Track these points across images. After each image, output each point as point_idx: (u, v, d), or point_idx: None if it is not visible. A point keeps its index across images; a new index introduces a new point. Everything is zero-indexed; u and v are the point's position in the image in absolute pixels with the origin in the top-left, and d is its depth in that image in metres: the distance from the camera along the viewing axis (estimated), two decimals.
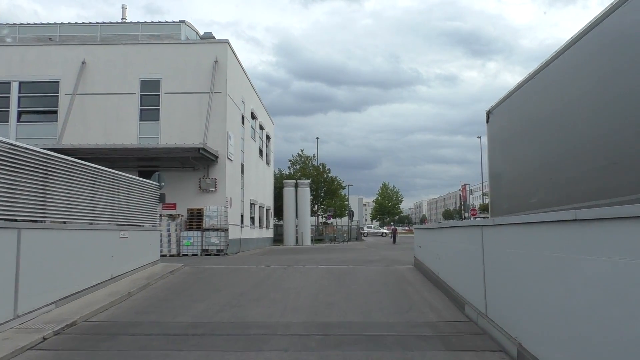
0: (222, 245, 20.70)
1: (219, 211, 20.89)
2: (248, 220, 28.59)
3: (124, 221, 11.83)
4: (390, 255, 20.11)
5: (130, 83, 23.35)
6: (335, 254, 23.08)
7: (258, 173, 32.44)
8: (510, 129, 9.69)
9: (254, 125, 31.25)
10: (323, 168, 49.41)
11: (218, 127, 22.92)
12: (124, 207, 11.83)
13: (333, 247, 34.47)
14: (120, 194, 11.64)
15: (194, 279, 12.11)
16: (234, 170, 24.81)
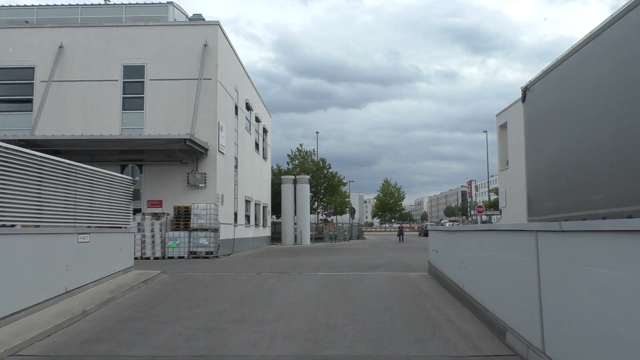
0: (212, 247, 18.77)
1: (208, 209, 18.96)
2: (243, 218, 26.66)
3: (84, 222, 9.89)
4: (398, 259, 18.19)
5: (112, 69, 21.38)
6: (336, 255, 21.16)
7: (254, 168, 30.49)
8: (562, 106, 7.73)
9: (249, 117, 29.28)
10: (323, 163, 47.44)
11: (208, 117, 20.96)
12: (85, 205, 9.89)
13: (333, 247, 32.55)
14: (80, 190, 9.70)
15: (170, 291, 10.17)
16: (227, 165, 22.87)
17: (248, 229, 28.11)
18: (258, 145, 32.33)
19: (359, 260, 17.10)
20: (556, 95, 8.40)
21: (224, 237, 22.12)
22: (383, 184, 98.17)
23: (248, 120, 28.82)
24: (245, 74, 28.07)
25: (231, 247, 23.37)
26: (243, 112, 27.15)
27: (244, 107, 27.26)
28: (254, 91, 31.09)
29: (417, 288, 10.22)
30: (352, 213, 51.29)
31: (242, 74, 27.05)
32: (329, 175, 47.14)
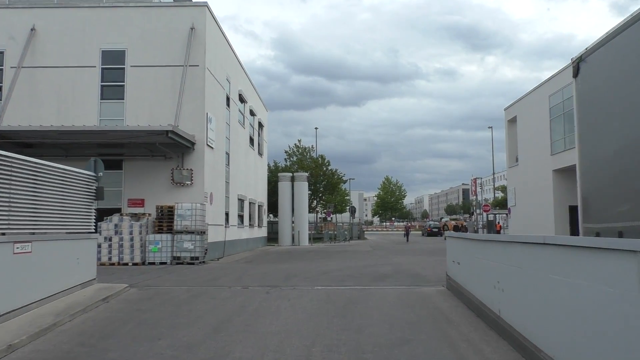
0: (198, 251, 16.83)
1: (193, 209, 17.01)
2: (235, 218, 24.72)
3: (24, 228, 7.96)
4: (407, 266, 16.26)
5: (90, 54, 19.41)
6: (336, 261, 19.22)
7: (248, 164, 28.55)
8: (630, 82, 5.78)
9: (243, 110, 27.31)
10: (322, 160, 45.45)
11: (194, 108, 19.00)
12: (25, 207, 7.96)
13: (333, 248, 30.62)
14: (16, 188, 7.76)
15: (131, 314, 8.23)
16: (217, 160, 20.92)
17: (241, 229, 26.18)
18: (253, 140, 30.38)
19: (362, 268, 15.16)
20: (623, 67, 6.44)
21: (214, 240, 20.19)
22: (384, 182, 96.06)
23: (241, 113, 26.86)
24: (238, 63, 26.10)
25: (222, 250, 21.44)
26: (236, 104, 25.19)
27: (236, 98, 25.30)
28: (248, 82, 29.12)
29: (437, 310, 8.29)
30: (353, 212, 49.33)
31: (234, 62, 25.08)
32: (329, 172, 45.18)
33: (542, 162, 29.66)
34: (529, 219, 31.67)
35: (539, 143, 30.19)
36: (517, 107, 34.31)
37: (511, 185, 35.32)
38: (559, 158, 27.79)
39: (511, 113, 35.39)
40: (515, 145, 35.80)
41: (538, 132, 30.42)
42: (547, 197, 28.86)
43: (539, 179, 30.14)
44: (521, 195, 33.30)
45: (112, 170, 19.25)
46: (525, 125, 32.92)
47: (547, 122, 29.06)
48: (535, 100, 31.17)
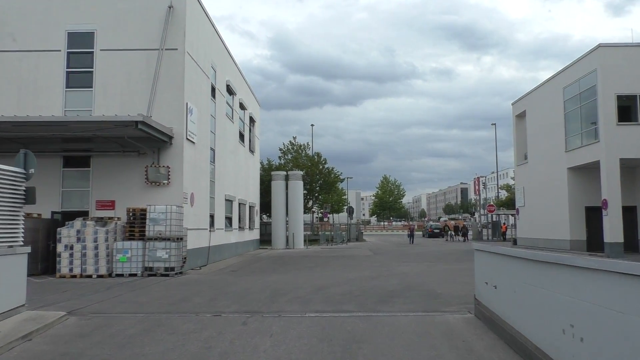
0: (173, 260, 14.56)
1: (168, 212, 14.74)
2: (222, 221, 22.46)
3: None
4: (415, 276, 14.04)
5: (54, 36, 17.12)
6: (333, 270, 16.98)
7: (238, 162, 26.29)
8: None
9: (232, 102, 25.04)
10: (318, 158, 43.16)
11: (172, 96, 16.74)
12: None
13: (330, 252, 28.38)
14: None
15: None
16: (199, 157, 18.66)
17: (229, 233, 23.93)
18: (243, 136, 28.11)
19: (364, 281, 12.92)
20: None
21: (196, 246, 17.96)
22: (382, 181, 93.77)
23: (230, 105, 24.59)
24: (226, 51, 23.82)
25: (205, 256, 19.20)
26: (223, 96, 22.92)
27: (223, 89, 23.02)
28: (238, 73, 26.85)
29: (471, 353, 6.05)
30: (351, 213, 47.11)
31: (221, 50, 22.80)
32: (325, 171, 42.90)
33: (555, 159, 27.49)
34: (539, 220, 29.51)
35: (552, 139, 28.02)
36: (526, 101, 32.13)
37: (520, 185, 33.17)
38: (575, 155, 25.62)
39: (520, 107, 33.22)
40: (524, 142, 33.62)
41: (550, 127, 28.25)
42: (561, 198, 26.69)
43: (551, 178, 27.97)
44: (531, 195, 31.15)
45: (79, 168, 17.03)
46: (535, 120, 30.75)
47: (561, 116, 26.89)
48: (547, 93, 29.00)
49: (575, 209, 25.96)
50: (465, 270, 15.57)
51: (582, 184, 25.98)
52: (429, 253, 26.87)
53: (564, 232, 26.50)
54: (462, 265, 17.69)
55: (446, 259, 21.94)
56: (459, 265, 17.87)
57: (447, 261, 20.67)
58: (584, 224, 25.86)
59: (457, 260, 21.28)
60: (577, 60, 25.57)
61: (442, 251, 28.70)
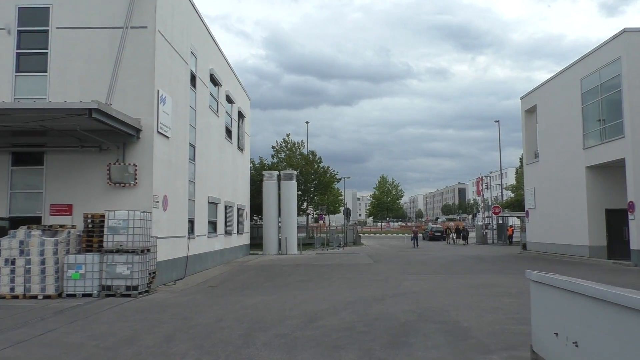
0: (136, 277, 12.08)
1: (131, 219, 12.26)
2: (204, 227, 20.01)
3: None
4: (428, 297, 11.63)
5: (1, 12, 14.62)
6: (329, 287, 14.53)
7: (224, 160, 23.83)
8: None
9: (217, 94, 22.58)
10: (313, 157, 40.69)
11: (140, 82, 14.29)
12: None
13: (326, 259, 25.95)
14: None
15: None
16: (175, 153, 16.20)
17: (213, 239, 21.47)
18: (231, 132, 25.64)
19: (367, 306, 10.49)
20: None
21: (170, 257, 15.54)
22: (379, 181, 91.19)
23: (214, 97, 22.13)
24: (210, 37, 21.36)
25: (183, 268, 16.75)
26: (206, 86, 20.46)
27: (206, 78, 20.56)
28: (224, 63, 24.38)
29: None
30: (348, 215, 44.71)
31: (203, 35, 20.34)
32: (320, 170, 40.44)
33: (571, 157, 25.18)
34: (553, 224, 27.19)
35: (567, 135, 25.71)
36: (537, 95, 29.81)
37: (529, 185, 30.85)
38: (594, 152, 23.32)
39: (529, 102, 30.89)
40: (533, 139, 31.32)
41: (565, 122, 25.94)
42: (579, 199, 24.38)
43: (566, 178, 25.66)
44: (543, 197, 28.83)
45: (30, 167, 14.53)
46: (547, 115, 28.43)
47: (579, 110, 24.58)
48: (561, 85, 26.68)
49: (595, 211, 23.65)
50: (485, 287, 13.18)
51: (602, 184, 23.68)
52: (434, 260, 24.50)
53: (581, 237, 24.19)
54: (478, 280, 15.31)
55: (455, 269, 19.57)
56: (474, 279, 15.50)
57: (457, 272, 18.30)
58: (604, 229, 23.56)
59: (469, 270, 18.91)
60: (597, 48, 23.27)
61: (447, 258, 26.36)
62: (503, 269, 19.71)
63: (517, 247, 36.91)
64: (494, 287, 13.16)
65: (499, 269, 19.78)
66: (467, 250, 33.93)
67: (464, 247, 38.53)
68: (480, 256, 27.70)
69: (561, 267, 20.51)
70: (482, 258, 26.16)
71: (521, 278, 16.06)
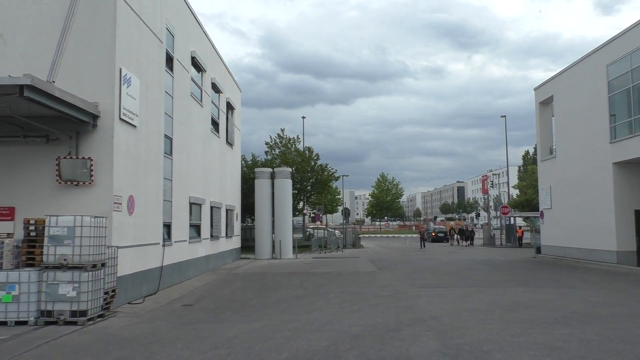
0: (85, 299, 9.55)
1: (78, 227, 9.71)
2: (185, 231, 17.50)
3: None
4: (456, 324, 9.14)
5: None
6: (327, 306, 12.03)
7: (210, 156, 21.31)
8: None
9: (200, 81, 20.05)
10: (310, 153, 38.15)
11: (97, 58, 11.76)
12: None
13: (323, 266, 23.47)
14: None
15: None
16: (143, 146, 13.66)
17: (197, 245, 18.95)
18: (218, 124, 23.11)
19: (378, 343, 7.97)
20: None
21: (139, 269, 13.04)
22: (378, 179, 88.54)
23: (197, 84, 19.59)
24: (191, 15, 18.81)
25: (156, 281, 14.24)
26: (187, 71, 17.92)
27: (187, 62, 18.02)
28: (210, 48, 21.84)
29: None
30: (347, 215, 42.25)
31: (183, 11, 17.79)
32: (318, 168, 37.91)
33: (595, 152, 22.74)
34: (573, 226, 24.75)
35: (590, 128, 23.27)
36: (554, 85, 27.35)
37: (545, 183, 28.40)
38: (623, 147, 20.87)
39: (545, 93, 28.43)
40: (549, 133, 28.89)
41: (588, 114, 23.50)
42: (604, 199, 21.94)
43: (589, 175, 23.22)
44: (560, 196, 26.40)
45: None
46: (566, 106, 25.99)
47: (604, 99, 22.13)
48: (582, 73, 24.23)
49: (623, 212, 21.22)
50: (520, 308, 10.70)
51: (632, 183, 21.26)
52: (443, 267, 22.03)
53: (607, 242, 21.75)
54: (506, 296, 12.85)
55: (472, 279, 17.13)
56: (500, 295, 13.04)
57: (476, 283, 15.85)
58: (634, 231, 21.15)
59: (488, 281, 16.45)
60: (626, 30, 20.83)
61: (457, 264, 23.92)
62: (527, 279, 17.27)
63: (527, 249, 34.52)
64: (532, 309, 10.70)
65: (521, 279, 17.33)
66: (475, 254, 31.51)
67: (470, 250, 36.13)
68: (492, 261, 25.27)
69: (587, 275, 18.10)
70: (495, 264, 23.72)
71: (556, 293, 13.58)
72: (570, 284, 15.70)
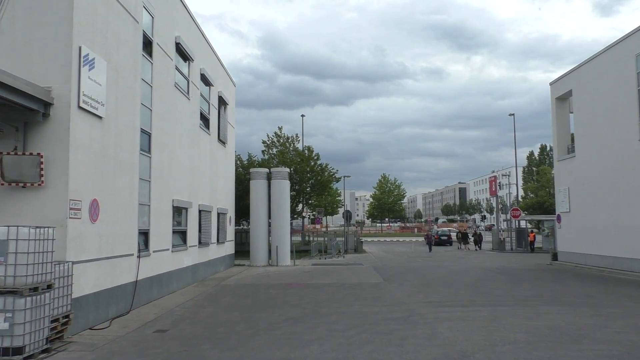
0: (20, 334, 7.52)
1: (12, 240, 7.68)
2: (167, 239, 15.47)
3: None
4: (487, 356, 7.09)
5: None
6: (328, 337, 10.01)
7: (198, 155, 19.28)
8: None
9: (187, 71, 18.02)
10: (310, 153, 36.08)
11: (50, 35, 9.74)
12: None
13: (324, 274, 21.42)
14: None
15: None
16: (111, 141, 11.63)
17: (182, 254, 16.91)
18: (208, 120, 21.07)
19: None
20: None
21: (106, 286, 11.03)
22: (380, 181, 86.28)
23: (183, 75, 17.57)
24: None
25: (129, 298, 12.21)
26: (169, 58, 15.90)
27: (170, 48, 15.99)
28: (199, 34, 19.82)
29: None
30: (348, 218, 40.21)
31: None
32: (318, 168, 35.84)
33: (622, 151, 20.71)
34: (595, 230, 22.71)
35: (615, 124, 21.25)
36: (573, 78, 25.33)
37: (562, 185, 26.36)
38: None
39: (562, 87, 26.41)
40: (566, 131, 26.88)
41: (613, 108, 21.47)
42: (634, 202, 19.92)
43: (615, 176, 21.20)
44: (580, 198, 24.38)
45: None
46: (587, 101, 23.97)
47: (633, 92, 20.10)
48: (607, 65, 22.20)
49: None
50: (574, 339, 8.65)
51: None
52: (456, 277, 19.99)
53: (638, 249, 19.72)
54: (546, 320, 10.79)
55: (493, 293, 15.09)
56: (538, 318, 11.00)
57: (500, 300, 13.81)
58: None
59: (514, 297, 14.40)
60: None
61: (470, 272, 21.89)
62: (555, 294, 15.22)
63: (540, 255, 32.48)
64: (581, 341, 8.67)
65: (549, 294, 15.28)
66: (487, 260, 29.47)
67: (479, 255, 34.09)
68: (507, 270, 23.23)
69: (622, 288, 16.04)
70: (512, 273, 21.66)
71: (599, 315, 10.98)
72: (609, 301, 13.65)
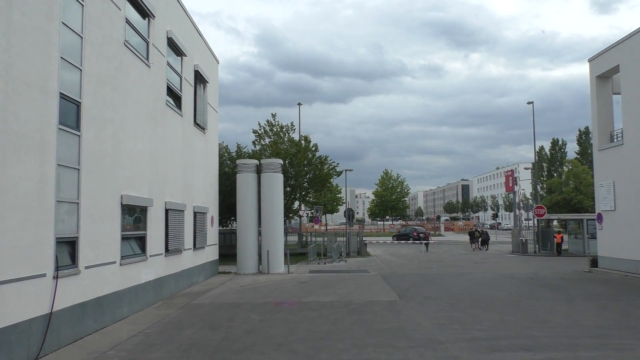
0: None
1: None
2: (115, 248, 11.50)
3: None
4: None
5: None
6: None
7: (164, 140, 15.30)
8: None
9: (146, 30, 14.02)
10: (307, 143, 32.01)
11: None
12: None
13: (322, 287, 17.47)
14: None
15: None
16: (1, 106, 7.63)
17: (138, 266, 12.95)
18: (180, 98, 17.09)
19: None
20: None
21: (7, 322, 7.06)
22: (382, 177, 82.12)
23: (139, 33, 13.55)
24: None
25: (38, 339, 8.26)
26: (115, 6, 11.90)
27: None
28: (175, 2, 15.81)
29: None
30: (351, 217, 36.29)
31: None
32: (316, 161, 31.81)
33: None
34: None
35: None
36: (619, 53, 21.33)
37: (604, 178, 22.39)
38: None
39: (605, 63, 22.40)
40: (608, 115, 22.90)
41: None
42: None
43: None
44: (628, 194, 20.44)
45: None
46: (639, 78, 20.00)
47: None
48: None
49: None
50: None
51: None
52: (489, 291, 16.02)
53: None
54: None
55: (552, 321, 11.16)
56: None
57: (566, 334, 9.90)
58: None
59: (584, 330, 10.47)
60: None
61: (498, 282, 17.97)
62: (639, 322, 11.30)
63: (570, 259, 28.57)
64: None
65: (630, 322, 11.34)
66: (510, 266, 25.56)
67: (496, 259, 30.16)
68: (543, 279, 19.32)
69: None
70: (554, 285, 17.73)
71: None
72: None
